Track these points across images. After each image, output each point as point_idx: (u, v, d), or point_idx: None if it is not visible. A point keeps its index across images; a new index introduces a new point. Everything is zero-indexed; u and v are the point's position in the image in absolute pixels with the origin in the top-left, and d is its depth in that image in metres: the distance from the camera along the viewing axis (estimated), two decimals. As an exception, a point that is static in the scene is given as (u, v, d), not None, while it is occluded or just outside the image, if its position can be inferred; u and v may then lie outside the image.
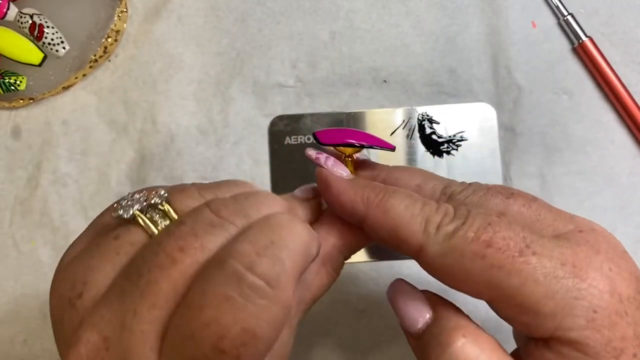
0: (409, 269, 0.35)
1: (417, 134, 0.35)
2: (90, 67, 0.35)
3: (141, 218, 0.20)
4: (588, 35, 0.35)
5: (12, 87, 0.34)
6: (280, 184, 0.35)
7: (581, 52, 0.36)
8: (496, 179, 0.35)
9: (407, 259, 0.35)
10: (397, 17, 0.36)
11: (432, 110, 0.36)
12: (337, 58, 0.36)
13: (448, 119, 0.35)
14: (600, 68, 0.35)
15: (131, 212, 0.20)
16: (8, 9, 0.34)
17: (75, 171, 0.35)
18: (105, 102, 0.36)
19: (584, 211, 0.35)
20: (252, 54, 0.36)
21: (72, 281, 0.19)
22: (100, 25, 0.35)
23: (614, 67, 0.35)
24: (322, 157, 0.25)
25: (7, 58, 0.34)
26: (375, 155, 0.35)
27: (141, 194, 0.20)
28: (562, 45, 0.36)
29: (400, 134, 0.35)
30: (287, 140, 0.35)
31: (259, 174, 0.35)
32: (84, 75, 0.36)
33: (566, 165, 0.35)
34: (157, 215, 0.20)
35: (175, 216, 0.20)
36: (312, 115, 0.35)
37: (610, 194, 0.35)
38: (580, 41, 0.35)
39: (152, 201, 0.20)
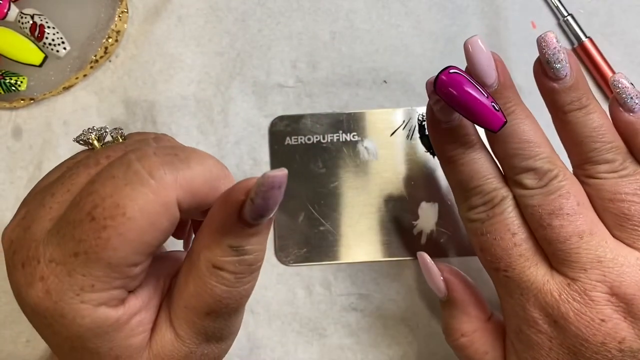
0: (408, 269, 0.35)
1: (417, 135, 0.35)
2: (91, 67, 0.35)
3: (94, 141, 0.23)
4: (588, 35, 0.36)
5: (13, 88, 0.34)
6: (281, 184, 0.35)
7: (581, 52, 0.36)
8: (496, 179, 0.35)
9: (407, 258, 0.35)
10: (397, 17, 0.37)
11: (432, 111, 0.36)
12: (337, 58, 0.36)
13: (448, 119, 0.36)
14: (600, 68, 0.35)
15: (90, 137, 0.23)
16: (9, 9, 0.34)
17: (75, 171, 0.35)
18: (106, 102, 0.36)
19: (584, 211, 0.35)
20: (252, 54, 0.36)
21: (33, 189, 0.23)
22: (100, 26, 0.35)
23: (613, 67, 0.35)
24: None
25: (8, 58, 0.34)
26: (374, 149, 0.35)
27: (104, 127, 0.24)
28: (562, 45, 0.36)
29: (401, 134, 0.35)
30: (288, 140, 0.35)
31: (259, 174, 0.35)
32: (84, 75, 0.36)
33: (567, 165, 0.35)
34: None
35: None
36: (312, 115, 0.36)
37: (609, 194, 0.35)
38: (580, 41, 0.36)
39: (112, 135, 0.24)
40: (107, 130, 0.24)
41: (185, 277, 0.21)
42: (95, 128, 0.24)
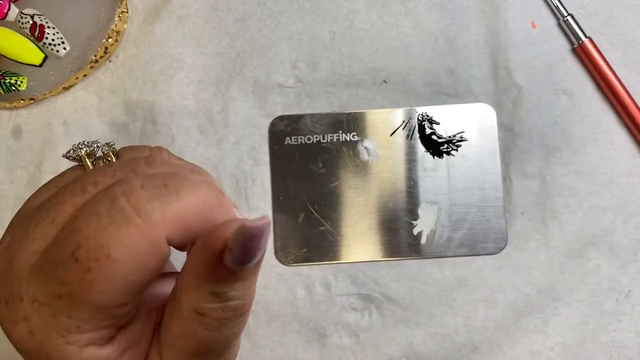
0: (408, 269, 0.35)
1: (417, 135, 0.35)
2: (91, 67, 0.35)
3: (84, 158, 0.22)
4: (588, 35, 0.36)
5: (13, 88, 0.34)
6: (281, 184, 0.35)
7: (581, 52, 0.36)
8: (496, 179, 0.35)
9: (407, 258, 0.35)
10: (397, 17, 0.37)
11: (432, 111, 0.36)
12: (337, 58, 0.36)
13: (448, 120, 0.36)
14: (599, 69, 0.35)
15: (79, 153, 0.22)
16: (9, 9, 0.34)
17: (75, 171, 0.35)
18: (106, 102, 0.36)
19: (584, 211, 0.35)
20: (252, 54, 0.36)
21: (20, 212, 0.21)
22: (100, 26, 0.35)
23: (613, 67, 0.35)
24: None
25: (8, 58, 0.34)
26: (375, 151, 0.35)
27: (95, 142, 0.22)
28: (562, 45, 0.36)
29: (401, 135, 0.35)
30: (288, 140, 0.35)
31: (259, 174, 0.35)
32: (84, 75, 0.36)
33: (566, 165, 0.35)
34: (102, 163, 0.22)
35: None
36: (312, 115, 0.36)
37: (609, 194, 0.35)
38: (580, 42, 0.36)
39: (103, 151, 0.22)
40: (98, 144, 0.22)
41: (169, 317, 0.20)
42: (85, 143, 0.22)
